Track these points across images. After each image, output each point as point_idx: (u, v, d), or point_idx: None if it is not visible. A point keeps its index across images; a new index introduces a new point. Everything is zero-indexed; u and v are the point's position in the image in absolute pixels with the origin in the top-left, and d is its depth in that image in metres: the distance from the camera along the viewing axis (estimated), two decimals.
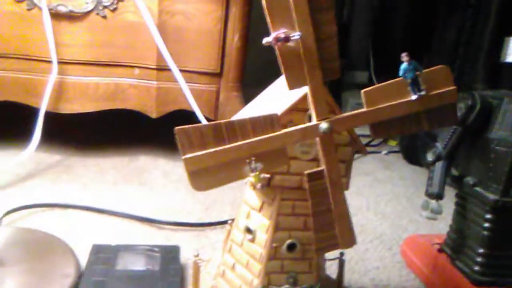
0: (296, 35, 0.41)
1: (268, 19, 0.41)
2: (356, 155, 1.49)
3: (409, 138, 1.41)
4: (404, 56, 0.45)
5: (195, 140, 0.43)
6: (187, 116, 1.16)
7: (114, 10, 1.04)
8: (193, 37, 1.08)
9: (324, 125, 0.45)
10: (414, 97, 0.46)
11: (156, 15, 1.04)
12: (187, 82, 1.07)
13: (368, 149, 1.56)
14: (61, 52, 1.04)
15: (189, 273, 0.71)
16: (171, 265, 0.71)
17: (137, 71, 1.09)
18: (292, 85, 0.44)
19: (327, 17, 0.42)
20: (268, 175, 0.50)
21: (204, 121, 1.08)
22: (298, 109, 0.49)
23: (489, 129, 0.63)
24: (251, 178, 0.45)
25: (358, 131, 0.52)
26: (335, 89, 1.86)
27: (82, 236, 0.81)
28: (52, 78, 1.04)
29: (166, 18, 1.05)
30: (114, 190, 1.03)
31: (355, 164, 1.48)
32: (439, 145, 0.68)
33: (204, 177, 0.44)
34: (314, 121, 0.45)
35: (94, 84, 1.08)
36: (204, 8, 1.07)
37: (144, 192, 1.04)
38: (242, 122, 0.44)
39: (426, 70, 0.46)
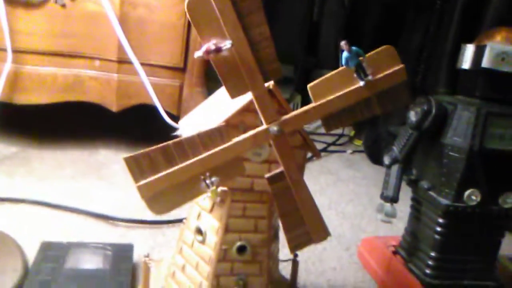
0: (227, 43, 0.40)
1: (196, 32, 0.40)
2: (323, 154, 1.50)
3: (373, 138, 1.43)
4: (344, 45, 0.43)
5: (145, 165, 0.42)
6: (150, 111, 1.13)
7: None
8: (156, 30, 1.05)
9: (274, 128, 0.44)
10: (361, 83, 0.45)
11: (118, 5, 1.01)
12: (149, 76, 1.05)
13: (334, 148, 1.57)
14: (16, 40, 1.00)
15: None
16: (122, 264, 0.69)
17: (97, 62, 1.06)
18: (234, 94, 0.43)
19: (257, 19, 0.41)
20: (225, 188, 0.49)
21: (165, 116, 1.06)
22: (250, 110, 0.48)
23: (443, 134, 0.63)
24: (209, 194, 0.44)
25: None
26: (303, 87, 1.87)
27: (33, 232, 0.78)
28: (7, 67, 1.00)
29: (128, 9, 1.02)
30: (71, 185, 1.00)
31: (320, 162, 1.49)
32: (396, 149, 0.68)
33: (161, 200, 0.43)
34: (263, 125, 0.44)
35: (52, 75, 1.05)
36: (168, 1, 1.04)
37: (102, 187, 1.01)
38: (190, 139, 0.43)
39: (370, 53, 0.45)
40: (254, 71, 0.42)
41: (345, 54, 0.44)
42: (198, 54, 0.40)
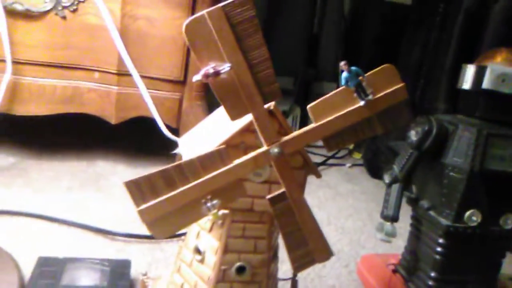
0: (226, 67, 0.40)
1: (195, 56, 0.40)
2: (322, 167, 1.50)
3: (372, 152, 1.42)
4: (343, 65, 0.43)
5: (146, 190, 0.41)
6: (149, 122, 1.13)
7: (74, 11, 1.00)
8: (157, 43, 1.05)
9: (274, 150, 0.44)
10: (362, 103, 0.44)
11: (119, 18, 1.01)
12: (149, 89, 1.05)
13: (333, 161, 1.57)
14: (16, 51, 1.00)
15: None
16: (120, 281, 0.69)
17: (97, 75, 1.05)
18: (234, 116, 0.42)
19: (255, 41, 0.40)
20: (227, 211, 0.49)
21: (164, 129, 1.05)
22: (250, 130, 0.47)
23: (444, 154, 0.63)
24: (210, 217, 0.43)
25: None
26: (303, 100, 1.87)
27: (30, 246, 0.77)
28: (6, 77, 0.99)
29: (128, 22, 1.02)
30: (69, 197, 0.99)
31: None
32: (396, 168, 0.67)
33: (163, 224, 0.43)
34: (264, 146, 0.44)
35: (51, 86, 1.04)
36: (169, 14, 1.04)
37: (100, 199, 1.01)
38: (190, 163, 0.42)
39: (370, 73, 0.44)
40: (253, 93, 0.41)
41: (344, 74, 0.44)
42: (197, 78, 0.40)
